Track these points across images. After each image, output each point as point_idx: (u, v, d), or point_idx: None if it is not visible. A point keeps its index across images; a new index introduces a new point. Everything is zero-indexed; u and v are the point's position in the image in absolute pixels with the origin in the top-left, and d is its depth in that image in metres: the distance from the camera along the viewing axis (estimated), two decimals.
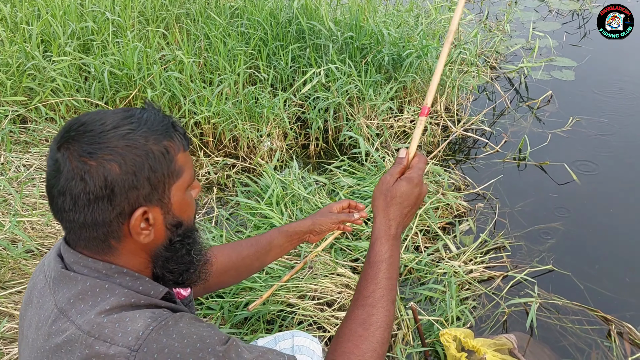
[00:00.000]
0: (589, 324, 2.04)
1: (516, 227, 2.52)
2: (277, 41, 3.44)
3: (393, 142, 3.04)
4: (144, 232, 0.86)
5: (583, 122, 3.26)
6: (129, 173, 0.82)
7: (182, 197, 0.91)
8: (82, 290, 0.85)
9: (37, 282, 0.95)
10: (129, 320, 0.80)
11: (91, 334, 0.79)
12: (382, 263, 1.01)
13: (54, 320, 0.85)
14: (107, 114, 0.86)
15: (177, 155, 0.89)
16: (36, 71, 3.05)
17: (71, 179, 0.81)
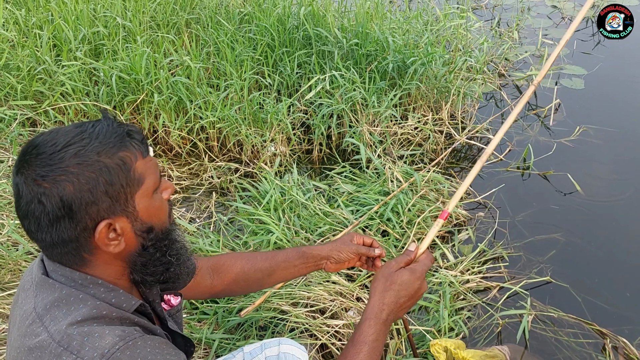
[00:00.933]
0: (585, 337, 2.01)
1: (516, 237, 2.50)
2: (284, 47, 3.46)
3: (396, 149, 3.04)
4: (113, 242, 0.89)
5: (590, 132, 3.22)
6: (84, 190, 0.84)
7: (149, 203, 0.92)
8: (58, 297, 0.88)
9: (24, 284, 0.98)
10: (97, 336, 0.82)
11: (61, 344, 0.82)
12: (365, 345, 1.02)
13: (30, 323, 0.88)
14: (59, 132, 0.87)
15: (135, 163, 0.89)
16: (46, 75, 3.11)
17: (30, 202, 0.84)
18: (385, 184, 2.67)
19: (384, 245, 2.32)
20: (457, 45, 3.78)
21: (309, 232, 2.40)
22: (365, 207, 2.54)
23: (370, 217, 2.47)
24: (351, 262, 1.37)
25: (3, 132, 2.81)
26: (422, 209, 2.55)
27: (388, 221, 2.46)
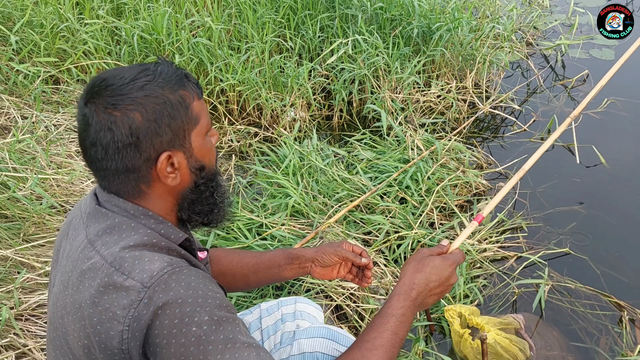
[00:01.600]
0: (601, 309, 2.00)
1: (536, 209, 2.47)
2: (306, 10, 3.40)
3: (417, 117, 3.00)
4: (171, 175, 0.94)
5: (618, 104, 3.13)
6: (151, 121, 0.89)
7: (202, 142, 0.97)
8: (110, 225, 0.93)
9: (73, 219, 1.03)
10: (147, 260, 0.87)
11: (113, 264, 0.87)
12: (392, 317, 1.02)
13: (82, 249, 0.93)
14: (124, 69, 0.92)
15: (193, 103, 0.95)
16: (69, 33, 3.12)
17: (100, 130, 0.88)
18: (406, 152, 2.65)
19: (401, 213, 2.31)
20: (485, 12, 3.67)
21: (327, 197, 2.40)
22: (384, 174, 2.52)
23: (389, 184, 2.46)
24: (338, 269, 1.30)
25: (27, 89, 2.83)
26: (442, 177, 2.53)
27: (407, 189, 2.45)
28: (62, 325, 0.93)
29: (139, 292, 0.84)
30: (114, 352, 0.85)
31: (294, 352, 1.23)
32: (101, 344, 0.86)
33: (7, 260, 1.86)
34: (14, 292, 1.73)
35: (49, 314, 1.02)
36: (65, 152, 2.50)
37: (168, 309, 0.83)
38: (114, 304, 0.84)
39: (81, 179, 2.39)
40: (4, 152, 2.29)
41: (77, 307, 0.89)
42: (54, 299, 0.99)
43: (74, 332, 0.90)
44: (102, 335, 0.85)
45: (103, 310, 0.85)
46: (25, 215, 2.07)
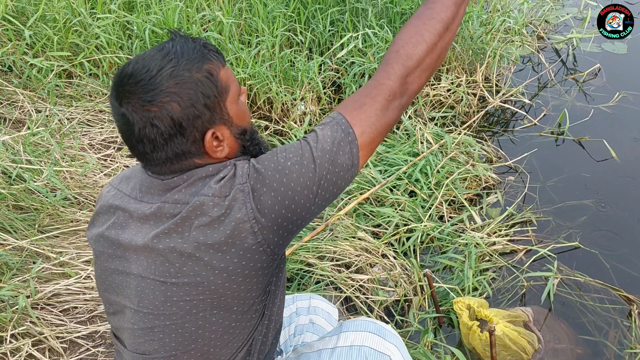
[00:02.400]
0: (611, 303, 2.00)
1: (546, 203, 2.47)
2: (316, 4, 3.41)
3: (427, 111, 3.00)
4: (218, 149, 0.98)
5: (630, 98, 3.11)
6: (188, 107, 0.92)
7: (237, 108, 1.01)
8: (186, 178, 0.98)
9: (120, 204, 1.04)
10: (233, 176, 0.95)
11: (215, 194, 0.93)
12: None
13: (169, 208, 0.96)
14: (146, 59, 0.93)
15: (220, 74, 0.97)
16: (82, 28, 3.15)
17: (143, 127, 0.92)
18: (415, 145, 2.66)
19: (410, 206, 2.32)
20: (496, 6, 3.65)
21: None
22: (394, 167, 2.53)
23: (399, 177, 2.47)
24: None
25: (40, 83, 2.87)
26: (452, 171, 2.53)
27: (416, 182, 2.46)
28: (181, 275, 0.94)
29: (242, 190, 0.92)
30: (257, 251, 0.93)
31: (340, 344, 1.22)
32: (246, 254, 0.92)
33: (23, 251, 1.90)
34: (30, 282, 1.76)
35: (136, 287, 1.01)
36: (79, 144, 2.53)
37: (265, 175, 0.94)
38: (230, 215, 0.91)
39: (94, 171, 2.42)
40: (18, 144, 2.33)
41: (195, 245, 0.92)
42: (147, 267, 0.98)
43: (206, 268, 0.93)
44: (243, 246, 0.92)
45: (227, 226, 0.91)
46: (40, 207, 2.11)
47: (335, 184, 0.96)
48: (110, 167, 2.52)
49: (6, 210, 2.00)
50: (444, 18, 1.04)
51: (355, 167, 0.98)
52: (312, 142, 0.96)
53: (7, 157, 2.19)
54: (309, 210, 0.96)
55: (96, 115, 2.88)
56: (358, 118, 0.98)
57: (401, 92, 1.01)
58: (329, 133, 0.97)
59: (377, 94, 0.99)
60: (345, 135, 0.97)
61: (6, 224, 1.96)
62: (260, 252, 0.94)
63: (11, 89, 2.79)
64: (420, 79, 1.02)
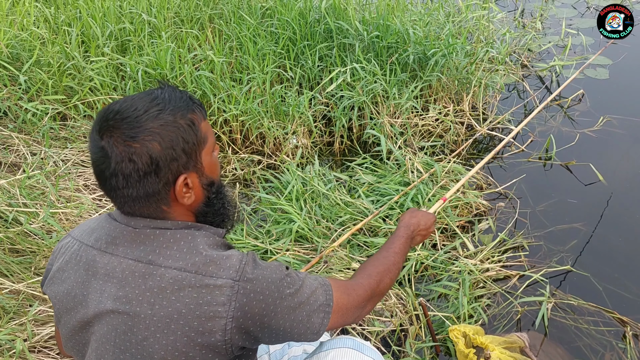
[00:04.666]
0: (605, 326, 2.02)
1: (537, 227, 2.51)
2: (305, 41, 3.50)
3: (416, 140, 3.06)
4: (186, 195, 1.01)
5: (614, 122, 3.19)
6: (168, 148, 0.96)
7: (210, 160, 1.05)
8: (163, 241, 0.99)
9: (84, 258, 1.03)
10: (225, 258, 0.98)
11: (198, 272, 0.95)
12: (398, 240, 1.37)
13: (141, 272, 0.97)
14: (134, 99, 0.98)
15: (201, 124, 1.02)
16: (76, 71, 3.22)
17: (121, 161, 0.94)
18: (406, 175, 2.70)
19: None
20: (479, 37, 3.76)
21: (330, 221, 2.44)
22: (386, 197, 2.57)
23: (391, 207, 2.50)
24: None
25: (35, 126, 2.92)
26: None
27: None
28: (141, 348, 0.95)
29: (232, 287, 0.95)
30: (215, 347, 0.95)
31: None
32: (203, 345, 0.94)
33: (20, 294, 1.91)
34: (27, 325, 1.77)
35: (95, 350, 1.01)
36: (74, 186, 2.56)
37: (258, 289, 0.97)
38: (212, 303, 0.93)
39: (89, 211, 2.44)
40: (14, 188, 2.35)
41: (167, 322, 0.94)
42: (107, 332, 0.98)
43: (166, 347, 0.94)
44: (204, 335, 0.93)
45: (202, 313, 0.93)
46: (35, 249, 2.12)
47: (299, 327, 1.04)
48: (106, 206, 2.54)
49: (2, 254, 2.01)
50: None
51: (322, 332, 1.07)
52: (306, 290, 1.05)
53: (3, 201, 2.21)
54: (277, 331, 1.02)
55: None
56: (342, 300, 1.11)
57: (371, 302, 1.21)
58: (320, 293, 1.07)
59: (360, 294, 1.16)
60: (326, 304, 1.07)
61: (2, 268, 1.97)
62: (220, 350, 0.96)
63: (6, 133, 2.83)
64: (378, 301, 1.25)
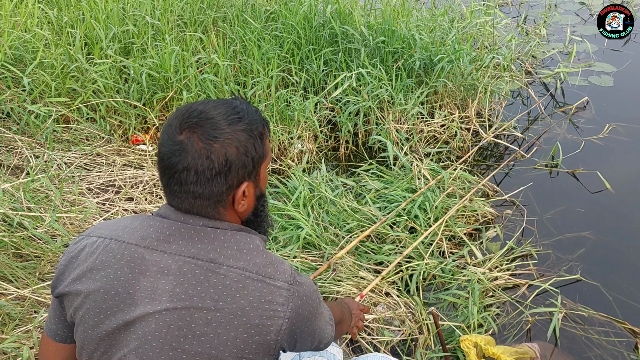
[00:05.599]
0: (616, 336, 2.00)
1: (545, 235, 2.49)
2: (310, 45, 3.48)
3: (422, 146, 3.04)
4: (242, 202, 1.05)
5: (620, 130, 3.18)
6: (242, 154, 1.00)
7: (264, 174, 1.11)
8: (224, 240, 1.02)
9: (127, 256, 1.00)
10: (280, 262, 1.04)
11: (259, 273, 1.00)
12: (343, 307, 1.55)
13: (204, 270, 0.98)
14: (217, 104, 1.03)
15: (267, 139, 1.08)
16: (79, 73, 3.19)
17: (198, 157, 0.97)
18: (413, 181, 2.68)
19: (411, 242, 2.34)
20: (484, 43, 3.76)
21: (338, 228, 2.42)
22: (393, 204, 2.55)
23: (398, 214, 2.48)
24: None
25: (38, 129, 2.88)
26: (449, 207, 2.55)
27: (415, 218, 2.47)
28: (197, 344, 0.96)
29: (288, 289, 1.01)
30: (268, 345, 0.99)
31: None
32: (259, 343, 0.98)
33: (25, 300, 1.87)
34: (32, 332, 1.74)
35: (136, 350, 0.98)
36: (78, 189, 2.53)
37: (307, 293, 1.05)
38: (273, 302, 0.99)
39: (94, 216, 2.41)
40: (19, 191, 2.32)
41: (230, 317, 0.96)
42: (156, 329, 0.96)
43: (226, 342, 0.96)
44: (262, 333, 0.98)
45: (264, 311, 0.98)
46: (40, 254, 2.09)
47: (322, 335, 1.16)
48: (110, 210, 2.51)
49: (6, 259, 1.98)
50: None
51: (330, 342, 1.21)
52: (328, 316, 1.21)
53: (7, 205, 2.18)
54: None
55: (94, 159, 2.88)
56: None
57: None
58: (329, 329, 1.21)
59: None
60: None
61: (7, 273, 1.94)
62: (269, 350, 1.01)
63: (9, 136, 2.80)
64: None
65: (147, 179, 2.75)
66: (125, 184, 2.70)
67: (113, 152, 2.96)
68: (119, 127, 3.14)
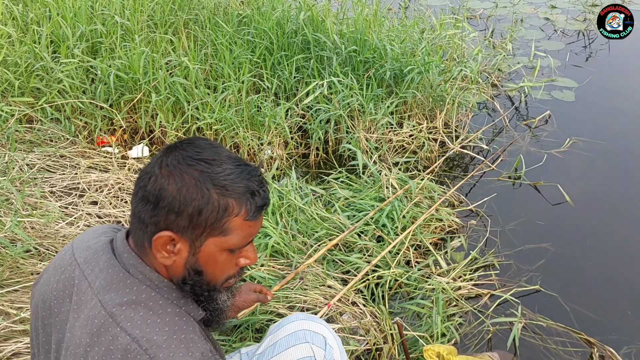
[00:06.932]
0: (573, 346, 2.07)
1: (507, 246, 2.56)
2: (282, 51, 3.49)
3: (391, 156, 3.08)
4: (164, 253, 0.93)
5: (580, 144, 3.30)
6: (176, 200, 0.90)
7: (216, 254, 0.94)
8: (136, 300, 0.91)
9: (72, 278, 0.98)
10: (181, 355, 0.86)
11: (147, 352, 0.85)
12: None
13: (102, 322, 0.89)
14: (221, 152, 0.95)
15: (235, 217, 0.92)
16: (44, 72, 3.11)
17: (151, 174, 0.92)
18: (381, 190, 2.72)
19: (378, 251, 2.37)
20: (452, 55, 3.84)
21: (306, 236, 2.43)
22: (361, 213, 2.58)
23: (366, 222, 2.51)
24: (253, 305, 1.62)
25: (0, 128, 2.80)
26: (416, 216, 2.60)
27: (383, 227, 2.50)
28: None
29: None
30: None
31: (280, 337, 1.33)
32: None
33: None
34: None
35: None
36: (40, 192, 2.47)
37: None
38: None
39: (57, 220, 2.36)
40: None
41: None
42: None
43: None
44: None
45: None
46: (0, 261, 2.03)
47: None
48: (73, 215, 2.46)
49: None
50: None
51: None
52: None
53: None
54: None
55: (57, 161, 2.82)
56: None
57: None
58: None
59: None
60: None
61: None
62: None
63: None
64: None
65: (113, 183, 2.70)
66: (89, 187, 2.65)
67: (77, 154, 2.90)
68: (84, 128, 3.08)
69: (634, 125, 3.54)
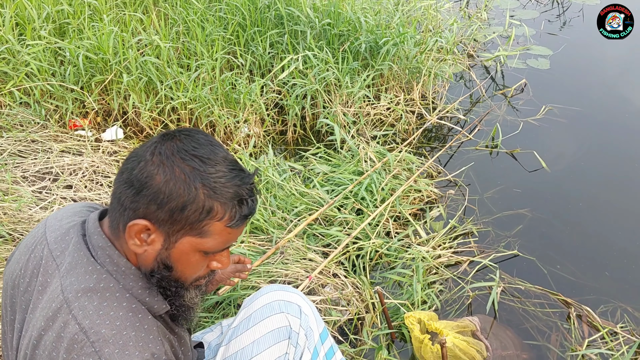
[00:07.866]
0: (550, 307, 2.11)
1: (485, 214, 2.59)
2: (255, 27, 3.43)
3: (369, 129, 3.07)
4: (136, 240, 0.91)
5: (555, 111, 3.32)
6: (161, 192, 0.87)
7: (189, 252, 0.93)
8: (93, 288, 0.88)
9: (40, 257, 0.97)
10: (127, 354, 0.84)
11: (94, 345, 0.83)
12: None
13: (57, 307, 0.87)
14: (218, 152, 0.92)
15: (217, 221, 0.90)
16: (10, 55, 3.02)
17: (141, 159, 0.89)
18: (359, 164, 2.71)
19: (358, 223, 2.37)
20: (428, 26, 3.81)
21: (286, 212, 2.42)
22: (340, 187, 2.57)
23: (345, 196, 2.51)
24: (231, 277, 1.58)
25: None
26: (395, 188, 2.60)
27: (362, 200, 2.51)
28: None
29: None
30: None
31: (255, 308, 1.31)
32: None
33: None
34: None
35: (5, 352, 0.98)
36: (11, 177, 2.41)
37: None
38: None
39: (29, 205, 2.31)
40: None
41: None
42: (17, 340, 0.95)
43: None
44: None
45: None
46: None
47: None
48: (46, 199, 2.41)
49: None
50: None
51: None
52: None
53: None
54: None
55: (28, 146, 2.75)
56: None
57: None
58: None
59: None
60: None
61: None
62: None
63: None
64: None
65: (87, 166, 2.65)
66: (63, 171, 2.60)
67: (49, 138, 2.84)
68: (55, 112, 3.01)
69: (608, 91, 3.57)
